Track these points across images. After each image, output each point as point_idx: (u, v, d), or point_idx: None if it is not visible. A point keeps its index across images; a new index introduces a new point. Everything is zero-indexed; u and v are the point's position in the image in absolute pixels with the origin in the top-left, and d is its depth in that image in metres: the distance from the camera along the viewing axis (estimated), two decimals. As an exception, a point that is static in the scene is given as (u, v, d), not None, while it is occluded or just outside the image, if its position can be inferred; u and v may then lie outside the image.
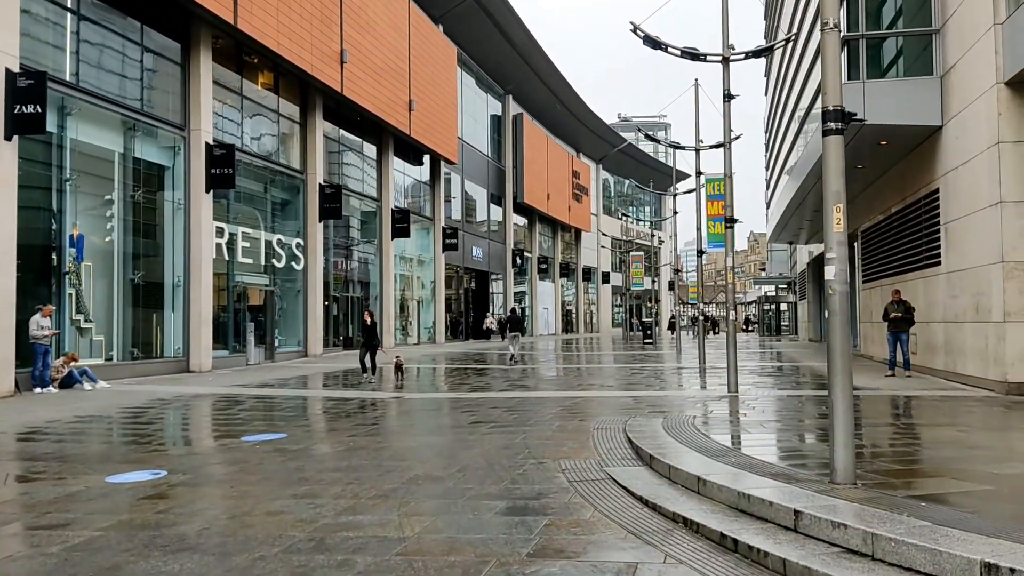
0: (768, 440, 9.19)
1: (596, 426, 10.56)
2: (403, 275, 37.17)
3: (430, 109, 36.23)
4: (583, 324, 67.26)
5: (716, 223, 22.29)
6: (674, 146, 23.52)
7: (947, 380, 15.71)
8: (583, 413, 12.19)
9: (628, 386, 16.81)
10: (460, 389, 16.80)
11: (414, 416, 12.70)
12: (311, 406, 14.19)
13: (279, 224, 27.11)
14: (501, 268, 50.30)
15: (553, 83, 52.47)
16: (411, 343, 37.54)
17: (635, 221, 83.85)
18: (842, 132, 6.45)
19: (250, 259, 24.83)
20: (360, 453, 9.08)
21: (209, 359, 21.84)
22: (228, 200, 23.99)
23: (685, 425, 10.00)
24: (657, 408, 12.34)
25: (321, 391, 16.57)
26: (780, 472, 6.68)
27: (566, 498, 6.80)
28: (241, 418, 12.68)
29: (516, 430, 10.48)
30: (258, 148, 25.97)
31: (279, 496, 7.07)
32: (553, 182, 56.72)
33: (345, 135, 31.82)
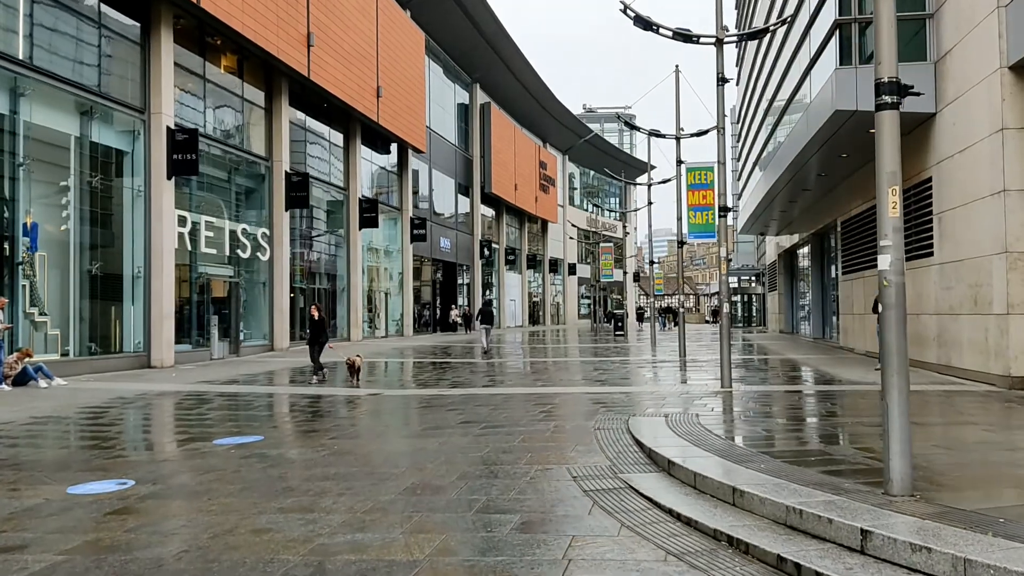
0: (789, 442, 8.62)
1: (596, 425, 9.93)
2: (371, 266, 36.29)
3: (398, 96, 35.34)
4: (549, 316, 66.76)
5: (698, 213, 21.78)
6: (654, 134, 22.98)
7: (940, 374, 15.35)
8: (577, 411, 11.57)
9: (615, 381, 16.23)
10: (440, 385, 16.10)
11: (397, 415, 11.98)
12: (284, 405, 13.39)
13: (244, 213, 26.12)
14: (469, 259, 49.54)
15: (521, 72, 51.74)
16: (379, 336, 36.69)
17: (606, 212, 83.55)
18: (898, 106, 5.85)
19: (214, 249, 23.84)
20: (347, 458, 8.37)
21: (171, 354, 20.87)
22: (191, 188, 22.99)
23: (693, 425, 9.41)
24: (653, 405, 11.76)
25: (292, 388, 15.77)
26: (823, 482, 6.09)
27: (586, 510, 6.16)
28: (210, 418, 11.86)
29: (511, 430, 9.83)
30: (222, 134, 24.96)
31: (264, 510, 6.35)
32: (520, 172, 56.05)
33: (312, 122, 30.82)
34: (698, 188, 21.68)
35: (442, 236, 44.84)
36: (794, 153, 20.76)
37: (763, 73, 29.77)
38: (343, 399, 13.81)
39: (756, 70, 33.54)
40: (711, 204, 21.81)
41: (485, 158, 50.74)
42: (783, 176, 23.46)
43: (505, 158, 53.11)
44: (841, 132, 17.38)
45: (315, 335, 17.17)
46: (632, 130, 21.34)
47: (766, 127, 30.84)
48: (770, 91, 27.67)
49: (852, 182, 22.21)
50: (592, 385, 15.41)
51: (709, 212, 21.74)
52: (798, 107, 21.13)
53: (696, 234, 21.93)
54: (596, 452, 8.34)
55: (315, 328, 17.24)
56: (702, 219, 21.78)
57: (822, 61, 17.47)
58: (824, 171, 22.12)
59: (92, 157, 19.56)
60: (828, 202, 25.58)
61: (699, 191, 21.66)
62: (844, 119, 16.17)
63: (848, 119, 16.18)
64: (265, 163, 26.79)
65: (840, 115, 15.95)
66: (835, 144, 18.73)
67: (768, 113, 28.39)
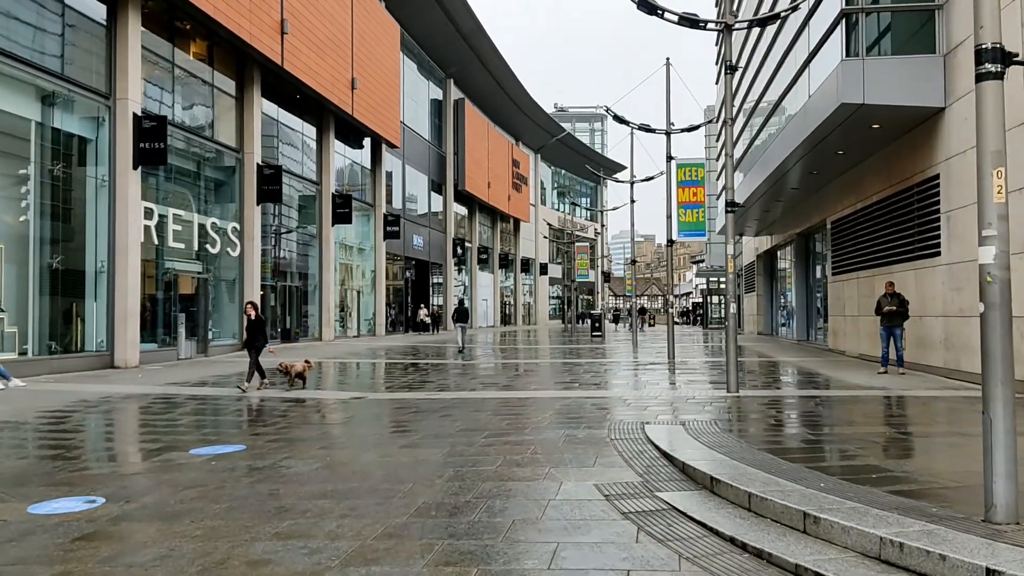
0: (832, 455, 7.89)
1: (611, 435, 9.15)
2: (343, 264, 35.26)
3: (373, 89, 34.36)
4: (520, 316, 65.99)
5: (688, 210, 21.08)
6: (644, 128, 22.29)
7: (948, 378, 14.78)
8: (583, 417, 10.77)
9: (610, 385, 15.48)
10: (427, 388, 15.23)
11: (388, 422, 11.09)
12: (262, 409, 12.44)
13: (213, 207, 25.03)
14: (441, 258, 48.62)
15: (496, 68, 50.96)
16: (351, 335, 35.66)
17: (580, 211, 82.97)
18: (1002, 76, 5.13)
19: (182, 244, 22.74)
20: (343, 472, 7.51)
21: (136, 354, 19.78)
22: (158, 178, 21.89)
23: (719, 434, 8.68)
24: (663, 411, 11.02)
25: (270, 392, 14.81)
26: (904, 506, 5.35)
27: (631, 537, 5.37)
28: (183, 424, 10.90)
29: (518, 439, 9.01)
30: (191, 123, 23.85)
31: (258, 535, 5.50)
32: (494, 171, 55.25)
33: (284, 115, 29.76)
34: (689, 185, 21.02)
35: (415, 234, 43.88)
36: (787, 150, 20.17)
37: (748, 72, 29.24)
38: (325, 404, 12.91)
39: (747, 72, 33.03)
40: (702, 201, 21.16)
41: (459, 155, 49.86)
42: (772, 175, 22.89)
43: (479, 156, 52.28)
44: (843, 127, 16.79)
45: (251, 338, 14.85)
46: (621, 124, 20.71)
47: (750, 128, 30.31)
48: (756, 90, 27.11)
49: (845, 180, 21.67)
50: (588, 389, 14.64)
51: (700, 210, 21.08)
52: (792, 103, 20.55)
53: (687, 232, 21.26)
54: (621, 465, 7.56)
55: (251, 330, 14.97)
56: (692, 217, 21.11)
57: (824, 53, 16.87)
58: (816, 169, 21.57)
59: (54, 145, 18.44)
60: (816, 201, 25.07)
61: (690, 188, 21.00)
62: (849, 112, 15.57)
63: (854, 112, 15.58)
64: (236, 155, 25.71)
65: (846, 108, 15.34)
66: (833, 141, 18.15)
67: (754, 113, 27.85)
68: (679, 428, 9.23)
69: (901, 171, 17.46)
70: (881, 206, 18.87)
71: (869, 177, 19.76)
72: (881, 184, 18.82)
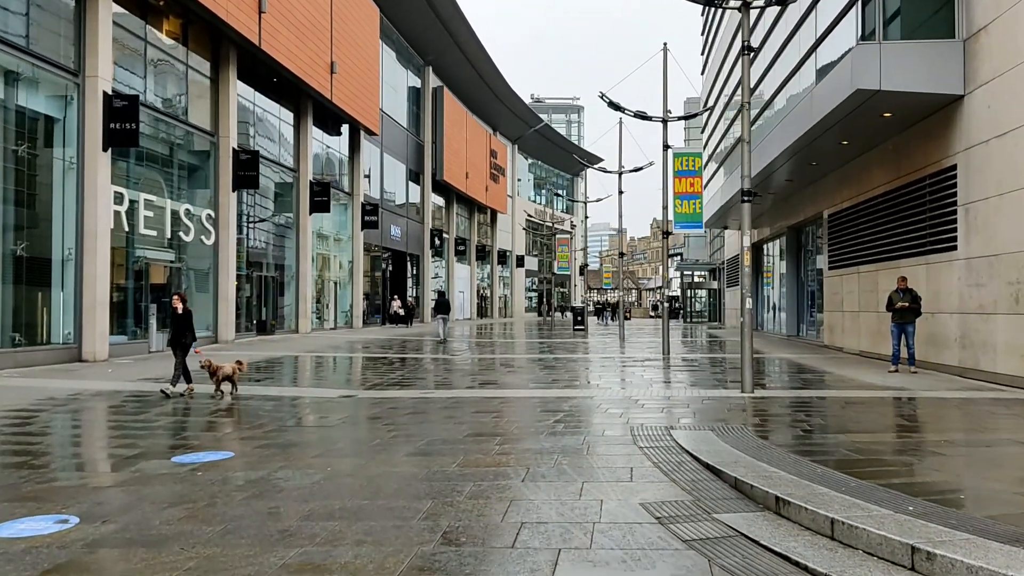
0: (897, 469, 7.14)
1: (638, 441, 8.36)
2: (320, 254, 34.19)
3: (352, 74, 33.31)
4: (497, 309, 65.18)
5: (685, 201, 20.35)
6: (640, 116, 21.48)
7: (964, 377, 14.19)
8: (597, 420, 9.99)
9: (612, 384, 14.70)
10: (420, 385, 14.36)
11: (387, 424, 10.20)
12: (246, 409, 11.52)
13: (187, 192, 23.92)
14: (419, 249, 47.64)
15: (474, 56, 50.01)
16: (328, 328, 34.64)
17: (556, 203, 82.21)
18: None
19: (154, 231, 21.65)
20: (349, 485, 6.66)
21: (105, 346, 18.72)
22: (129, 162, 20.79)
23: (755, 442, 7.95)
24: (683, 414, 10.28)
25: (251, 388, 13.87)
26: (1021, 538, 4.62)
27: (705, 573, 4.59)
28: (161, 426, 9.96)
29: (537, 446, 8.20)
30: (164, 104, 22.73)
31: (263, 568, 4.69)
32: (472, 161, 54.33)
33: (260, 99, 28.64)
34: (685, 175, 20.26)
35: (393, 224, 42.88)
36: (788, 141, 19.52)
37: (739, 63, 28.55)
38: (315, 403, 12.01)
39: (727, 61, 32.40)
40: (699, 192, 20.43)
41: (437, 144, 48.88)
42: (768, 167, 22.27)
43: (457, 145, 51.33)
44: (852, 116, 16.14)
45: (177, 333, 13.20)
46: (616, 111, 19.85)
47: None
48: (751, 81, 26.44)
49: (845, 172, 21.07)
50: (590, 387, 13.86)
51: (697, 201, 20.35)
52: (795, 91, 19.90)
53: (683, 224, 20.50)
54: (661, 479, 6.78)
55: (178, 324, 13.27)
56: (689, 208, 20.37)
57: (835, 38, 16.20)
58: (816, 160, 20.96)
59: (17, 124, 17.33)
60: (812, 194, 24.49)
61: (686, 178, 20.24)
62: (863, 99, 14.90)
63: (867, 100, 14.92)
64: (211, 138, 24.61)
65: (860, 95, 14.67)
66: (839, 130, 17.52)
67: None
68: (710, 435, 8.48)
69: (911, 162, 16.84)
70: (887, 198, 18.27)
71: (873, 169, 19.15)
72: (887, 176, 18.21)
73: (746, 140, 12.51)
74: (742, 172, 12.47)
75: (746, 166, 12.49)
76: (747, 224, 12.50)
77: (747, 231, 12.48)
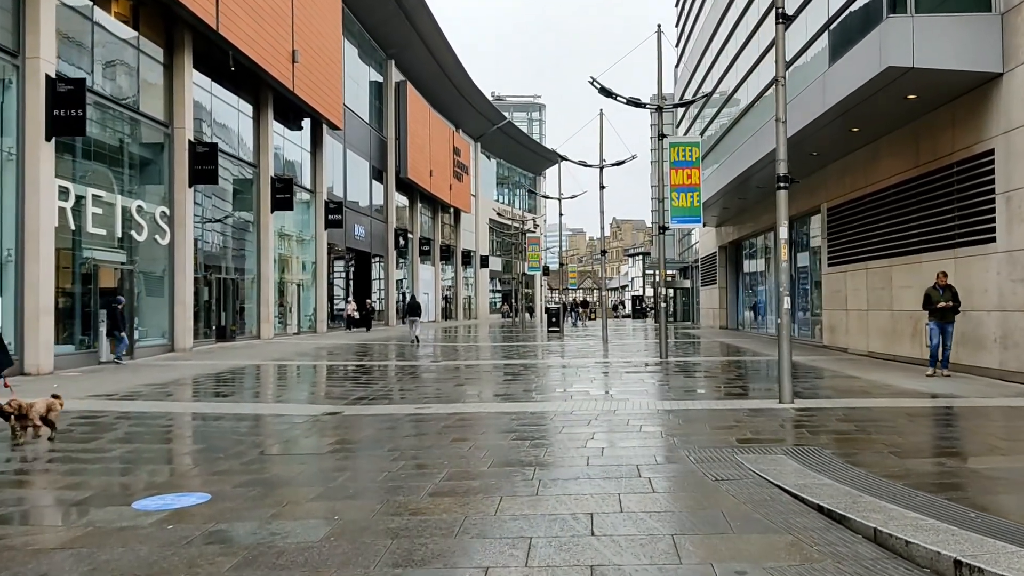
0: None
1: (703, 469, 6.90)
2: (282, 255, 32.30)
3: (314, 64, 31.52)
4: (462, 310, 63.53)
5: (682, 194, 18.98)
6: (633, 103, 20.09)
7: (1007, 381, 13.00)
8: (638, 442, 8.49)
9: (627, 393, 13.24)
10: (410, 398, 12.76)
11: (392, 451, 8.59)
12: (217, 432, 9.84)
13: (139, 188, 21.99)
14: (383, 249, 45.85)
15: (438, 49, 48.35)
16: (291, 333, 32.76)
17: (529, 200, 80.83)
18: None
19: (103, 230, 19.74)
20: (371, 546, 5.09)
21: (50, 358, 16.83)
22: (75, 153, 18.89)
23: (852, 470, 6.55)
24: (729, 431, 8.86)
25: (219, 404, 12.20)
26: None
27: None
28: (117, 457, 8.26)
29: (590, 487, 6.68)
30: (114, 92, 20.81)
31: None
32: (435, 158, 52.66)
33: (217, 89, 26.74)
34: (682, 166, 18.90)
35: (356, 223, 41.08)
36: (790, 130, 18.28)
37: (725, 49, 27.41)
38: (296, 423, 10.36)
39: (711, 49, 31.26)
40: (696, 184, 19.06)
41: (401, 140, 47.17)
42: (764, 159, 21.07)
43: (421, 142, 49.65)
44: (875, 98, 14.92)
45: None
46: (608, 97, 18.39)
47: (728, 110, 28.53)
48: (743, 67, 25.28)
49: (849, 162, 19.90)
50: (606, 399, 12.37)
51: (695, 193, 18.98)
52: (801, 75, 18.69)
53: (680, 218, 19.14)
54: (768, 528, 5.31)
55: None
56: (686, 201, 19.00)
57: (856, 13, 14.94)
58: (817, 150, 19.77)
59: (-54, 108, 15.41)
60: (807, 186, 23.35)
61: (683, 169, 18.88)
62: (893, 78, 13.67)
63: (897, 79, 13.70)
64: (165, 130, 22.71)
65: (890, 73, 13.42)
66: (853, 116, 16.32)
67: (735, 92, 26.01)
68: (788, 462, 7.08)
69: (934, 148, 15.66)
70: (903, 189, 17.10)
71: (884, 157, 17.99)
72: (904, 164, 17.03)
73: (781, 119, 11.15)
74: (777, 155, 11.11)
75: (781, 147, 11.14)
76: (784, 212, 11.13)
77: (784, 220, 11.11)
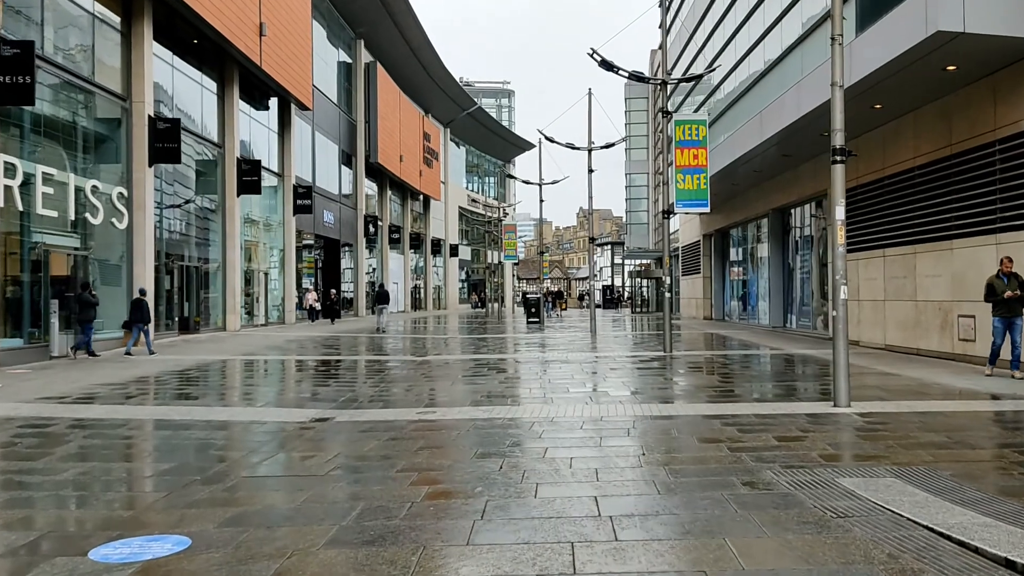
0: None
1: (821, 505, 5.51)
2: (248, 241, 30.46)
3: (283, 39, 29.71)
4: (432, 300, 61.85)
5: (688, 176, 17.62)
6: (636, 77, 18.64)
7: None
8: (693, 454, 7.09)
9: (651, 394, 11.86)
10: (408, 401, 11.26)
11: (405, 470, 7.08)
12: (189, 445, 8.25)
13: (95, 166, 20.15)
14: (352, 237, 44.06)
15: (409, 29, 46.50)
16: (258, 324, 30.97)
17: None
18: None
19: (53, 211, 17.94)
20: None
21: (-6, 353, 15.08)
22: (22, 126, 17.06)
23: (999, 503, 5.20)
24: (798, 443, 7.51)
25: (189, 409, 10.60)
26: None
27: None
28: (69, 480, 6.67)
29: (658, 512, 5.28)
30: (65, 60, 18.94)
31: None
32: (405, 143, 50.88)
33: (180, 63, 24.84)
34: (689, 146, 17.53)
35: (325, 209, 39.26)
36: (805, 108, 17.05)
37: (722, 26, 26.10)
38: (283, 431, 8.80)
39: (704, 27, 29.96)
40: (704, 165, 17.71)
41: (371, 124, 45.35)
42: (767, 141, 19.84)
43: (391, 125, 47.85)
44: (910, 70, 13.68)
45: None
46: (609, 71, 17.01)
47: (719, 94, 27.26)
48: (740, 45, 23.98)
49: (861, 143, 18.66)
50: (633, 404, 10.97)
51: (702, 176, 17.62)
52: (818, 47, 17.41)
53: (686, 202, 17.76)
54: None
55: None
56: (692, 184, 17.64)
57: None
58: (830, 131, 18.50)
59: None
60: (809, 171, 22.18)
61: (690, 149, 17.52)
62: (939, 44, 12.40)
63: (943, 45, 12.43)
64: (122, 103, 20.86)
65: (940, 38, 12.15)
66: (879, 91, 15.07)
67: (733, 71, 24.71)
68: (906, 487, 5.79)
69: (971, 125, 14.46)
70: (931, 170, 15.90)
71: (906, 137, 16.79)
72: (932, 143, 15.83)
73: (838, 83, 9.80)
74: (832, 125, 9.76)
75: (837, 115, 9.81)
76: (841, 189, 9.80)
77: (841, 199, 9.78)
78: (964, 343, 14.77)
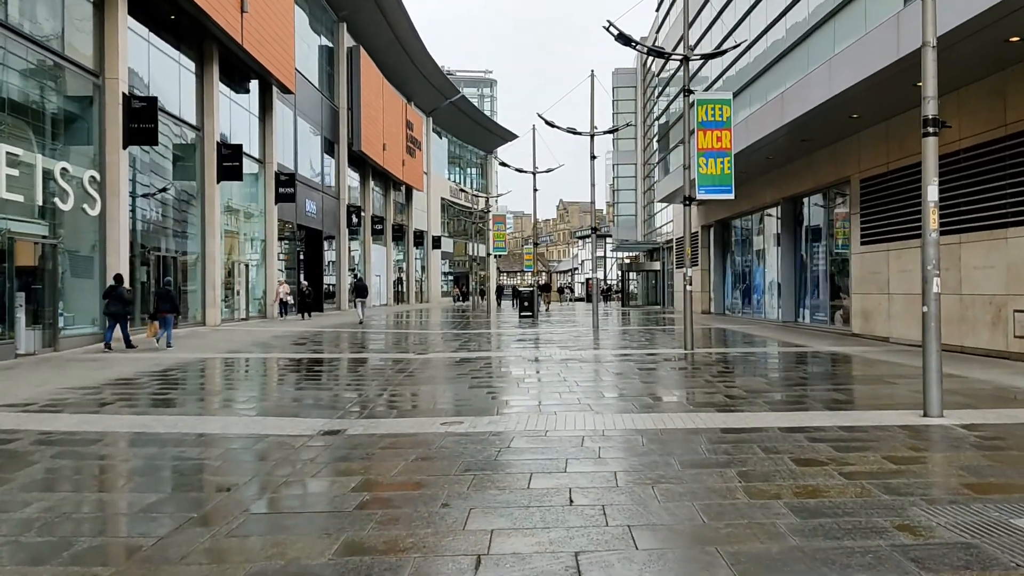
0: None
1: (1007, 556, 4.24)
2: (228, 231, 28.85)
3: (265, 18, 28.13)
4: (414, 293, 60.32)
5: (710, 160, 16.34)
6: (655, 53, 17.34)
7: None
8: (823, 490, 5.81)
9: (704, 402, 10.60)
10: (427, 410, 9.93)
11: (445, 504, 5.75)
12: (178, 466, 6.82)
13: (64, 147, 18.56)
14: (335, 227, 42.48)
15: (392, 12, 44.92)
16: (239, 319, 29.38)
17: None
18: None
19: (19, 196, 16.36)
20: None
21: (-49, 351, 13.52)
22: (-18, 101, 15.47)
23: None
24: (918, 465, 6.26)
25: (174, 419, 9.16)
26: None
27: None
28: (32, 519, 5.24)
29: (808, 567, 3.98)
30: (31, 30, 17.32)
31: None
32: (388, 131, 49.33)
33: (156, 40, 23.21)
34: (711, 127, 16.27)
35: (307, 198, 37.67)
36: (842, 85, 15.82)
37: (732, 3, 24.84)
38: (287, 448, 7.39)
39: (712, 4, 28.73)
40: (728, 148, 16.45)
41: (354, 110, 43.78)
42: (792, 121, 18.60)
43: (374, 113, 46.29)
44: (970, 40, 12.48)
45: None
46: (626, 45, 15.81)
47: (743, 65, 26.02)
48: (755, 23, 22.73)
49: (893, 127, 17.51)
50: (690, 411, 9.69)
51: (726, 159, 16.36)
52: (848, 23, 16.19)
53: (709, 188, 16.48)
54: None
55: None
56: (716, 168, 16.37)
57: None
58: (860, 111, 17.35)
59: None
60: (828, 156, 20.98)
61: (713, 131, 16.27)
62: (1015, 7, 11.20)
63: (1014, 11, 11.24)
64: (94, 80, 19.26)
65: (1006, 5, 10.98)
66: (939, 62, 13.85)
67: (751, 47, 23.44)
68: None
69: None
70: (981, 152, 14.75)
71: (950, 117, 15.57)
72: (983, 124, 14.67)
73: (931, 43, 8.50)
74: (924, 92, 8.47)
75: (930, 82, 8.50)
76: (934, 167, 8.50)
77: (934, 176, 8.48)
78: (1021, 340, 13.62)
